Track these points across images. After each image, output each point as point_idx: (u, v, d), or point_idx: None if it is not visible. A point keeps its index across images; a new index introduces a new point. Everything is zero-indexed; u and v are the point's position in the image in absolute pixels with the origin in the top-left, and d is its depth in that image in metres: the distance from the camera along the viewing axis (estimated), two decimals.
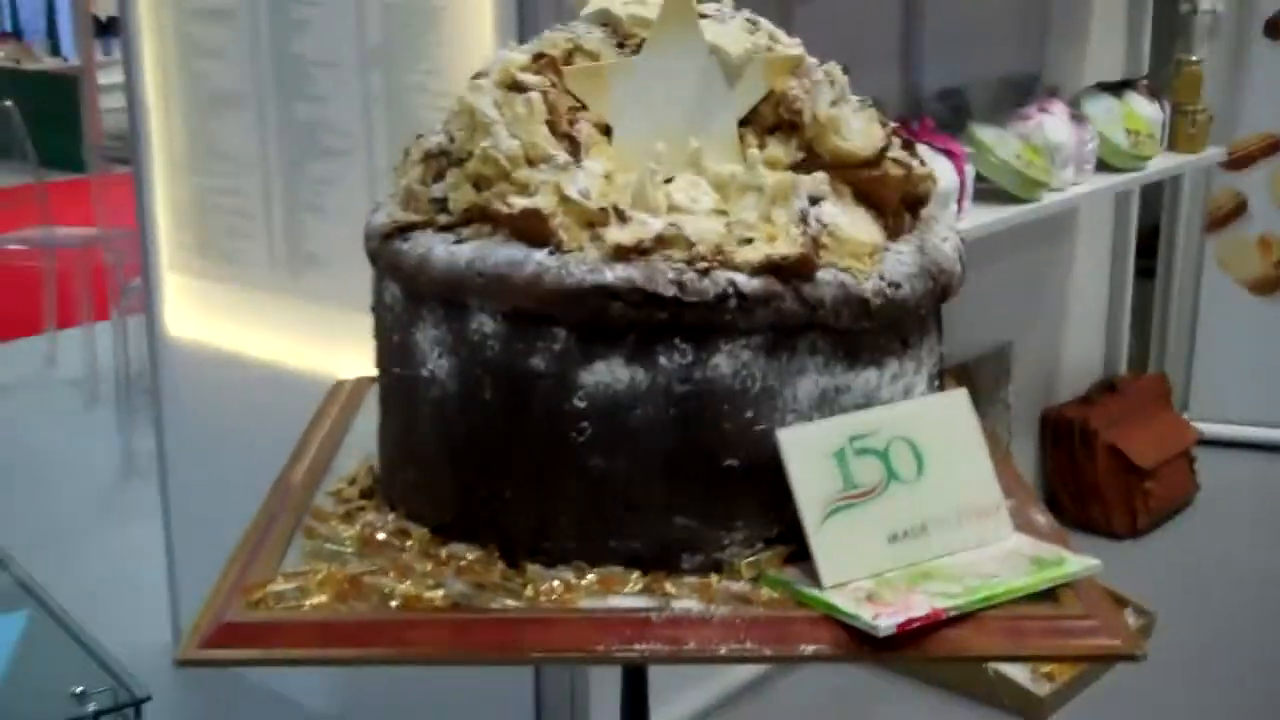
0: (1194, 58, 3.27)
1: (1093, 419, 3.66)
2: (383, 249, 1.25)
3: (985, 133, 2.58)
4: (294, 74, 2.24)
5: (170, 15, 2.47)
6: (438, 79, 1.99)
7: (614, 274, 1.11)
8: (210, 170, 2.51)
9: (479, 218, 1.19)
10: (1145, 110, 2.98)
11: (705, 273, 1.11)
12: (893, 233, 1.23)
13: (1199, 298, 3.96)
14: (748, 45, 1.22)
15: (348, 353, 1.82)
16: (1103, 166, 2.93)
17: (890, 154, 1.22)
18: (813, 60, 1.27)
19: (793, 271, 1.12)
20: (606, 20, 1.28)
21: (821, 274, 1.14)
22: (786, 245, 1.13)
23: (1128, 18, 3.42)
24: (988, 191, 2.60)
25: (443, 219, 1.22)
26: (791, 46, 1.27)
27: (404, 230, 1.24)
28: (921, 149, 2.34)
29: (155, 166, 2.67)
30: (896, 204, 1.24)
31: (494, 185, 1.19)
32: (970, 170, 2.41)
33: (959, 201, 2.37)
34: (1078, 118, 2.81)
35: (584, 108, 1.23)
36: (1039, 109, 2.74)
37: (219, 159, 2.49)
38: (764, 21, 1.30)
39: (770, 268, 1.11)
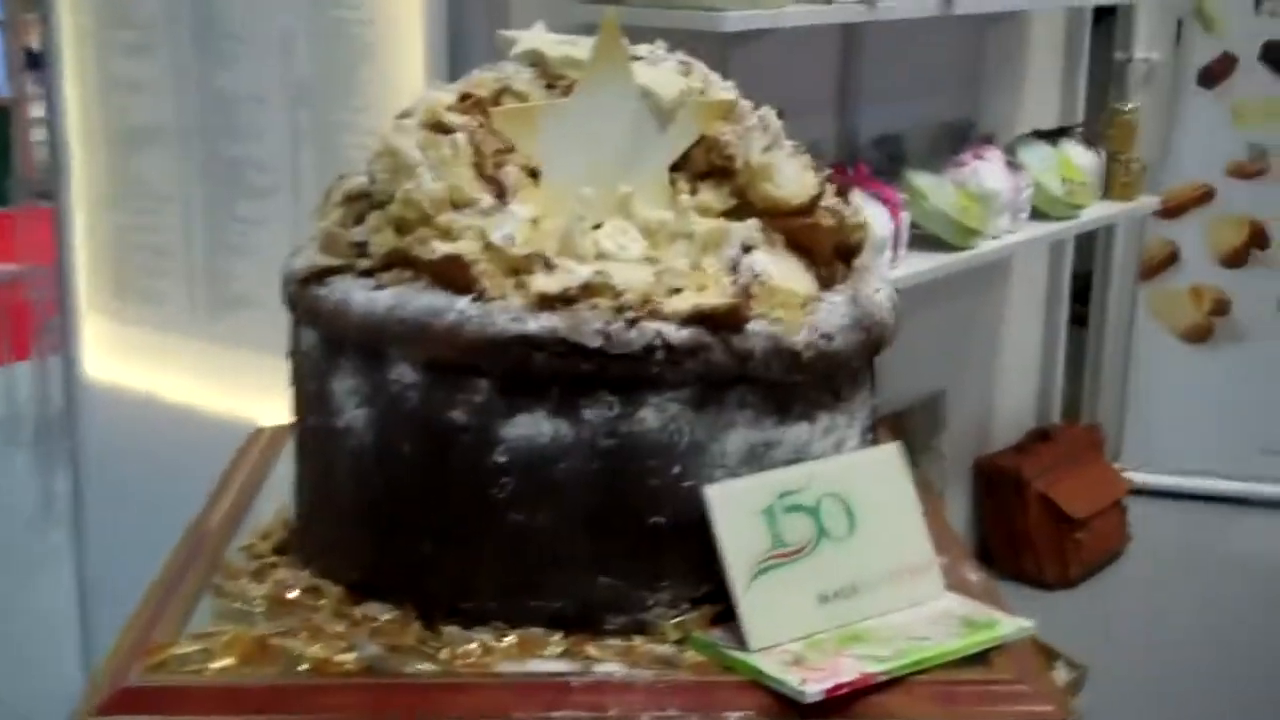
0: (1129, 106, 3.31)
1: (1025, 468, 3.66)
2: (300, 294, 1.21)
3: (921, 179, 2.58)
4: (219, 109, 2.20)
5: (93, 48, 2.42)
6: (368, 116, 1.95)
7: (538, 324, 1.07)
8: (131, 207, 2.46)
9: (400, 263, 1.15)
10: (1080, 158, 3.00)
11: (633, 323, 1.08)
12: (825, 283, 1.21)
13: (1131, 346, 4.00)
14: (680, 88, 1.20)
15: (270, 398, 1.76)
16: (1037, 214, 2.94)
17: (824, 202, 1.20)
18: (746, 105, 1.24)
19: (722, 322, 1.10)
20: (536, 61, 1.25)
21: (752, 325, 1.11)
22: (716, 295, 1.10)
23: (1063, 65, 3.45)
24: (923, 238, 2.60)
25: (363, 264, 1.18)
26: (725, 90, 1.25)
27: (322, 275, 1.20)
28: (856, 195, 2.35)
29: (75, 202, 2.61)
30: (829, 253, 1.21)
31: (416, 230, 1.15)
32: (906, 217, 2.40)
33: (894, 249, 2.36)
34: (1013, 165, 2.82)
35: (512, 150, 1.19)
36: (974, 156, 2.75)
37: (140, 196, 2.43)
38: (697, 64, 1.28)
39: (699, 318, 1.09)
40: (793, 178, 1.19)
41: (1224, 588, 3.48)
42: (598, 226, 1.17)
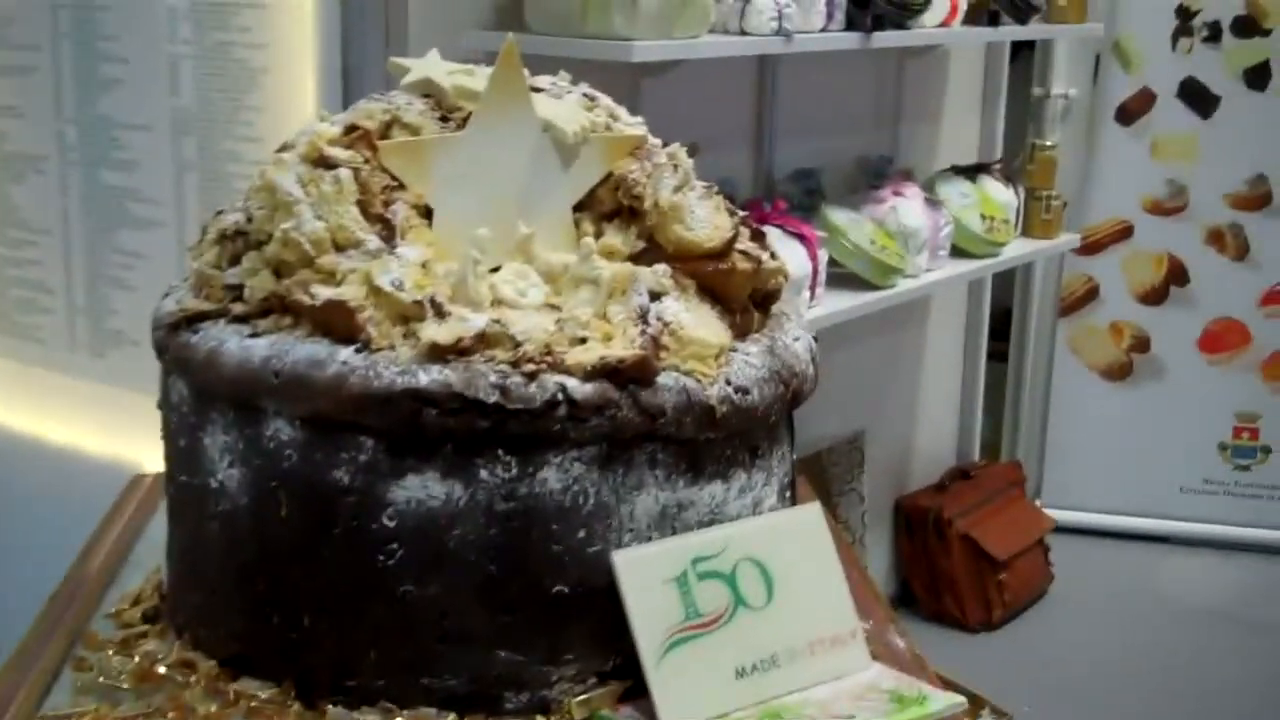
0: (1048, 142, 3.30)
1: (947, 508, 3.63)
2: (169, 341, 1.12)
3: (839, 216, 2.54)
4: (100, 137, 2.09)
5: None
6: (257, 147, 1.86)
7: (428, 377, 1.00)
8: (7, 238, 2.34)
9: (278, 308, 1.07)
10: (1000, 195, 2.98)
11: (532, 376, 1.00)
12: (740, 331, 1.15)
13: (1051, 383, 3.99)
14: (584, 123, 1.13)
15: (153, 442, 1.67)
16: (957, 251, 2.90)
17: (738, 245, 1.13)
18: (655, 141, 1.18)
19: (630, 376, 1.03)
20: (429, 91, 1.17)
21: (662, 378, 1.04)
22: (623, 346, 1.03)
23: (982, 101, 3.44)
24: (841, 276, 2.55)
25: (238, 308, 1.10)
26: (633, 125, 1.18)
27: (193, 320, 1.11)
28: (773, 233, 2.30)
29: None
30: (745, 300, 1.15)
31: (296, 272, 1.07)
32: (823, 255, 2.35)
33: (811, 288, 2.31)
34: (932, 202, 2.79)
35: (401, 187, 1.12)
36: (893, 192, 2.71)
37: (17, 226, 2.31)
38: (603, 98, 1.21)
39: (605, 371, 1.02)
40: (705, 219, 1.13)
41: (1148, 627, 3.47)
42: (495, 270, 1.10)
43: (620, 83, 2.23)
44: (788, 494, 1.22)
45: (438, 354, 1.01)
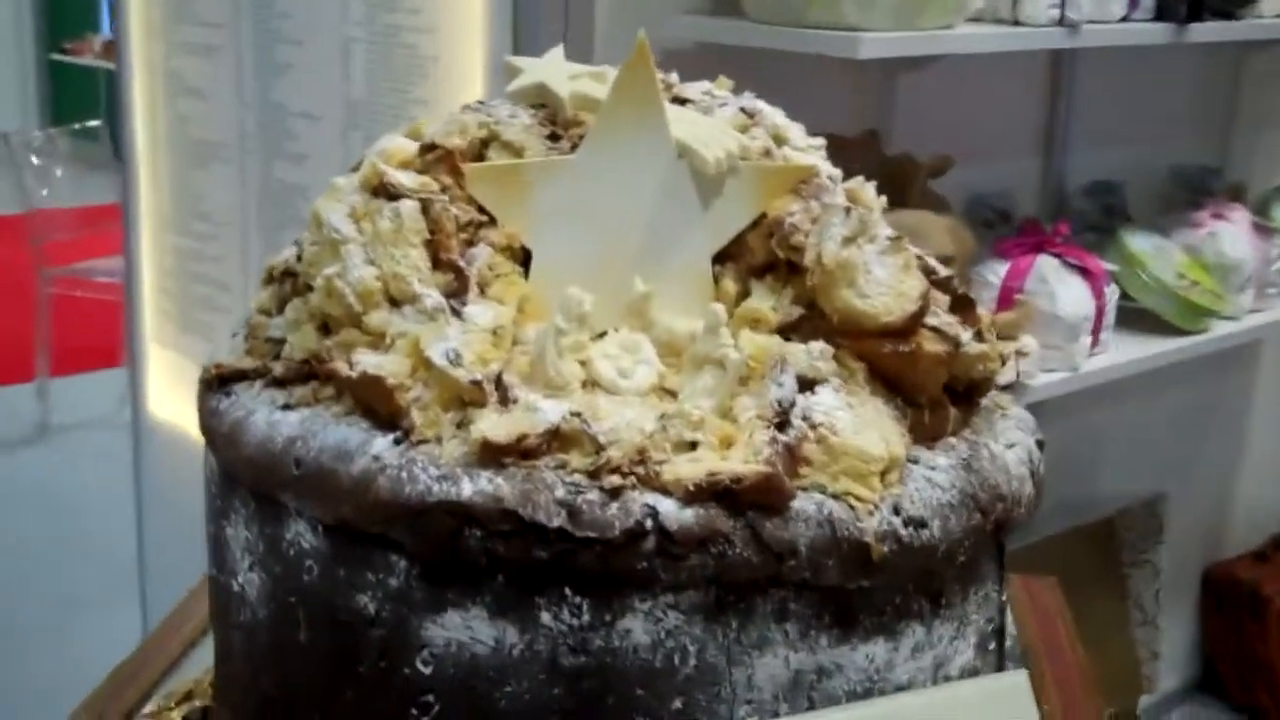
0: None
1: (1267, 583, 3.26)
2: (202, 403, 0.95)
3: (1139, 242, 2.21)
4: (275, 126, 1.98)
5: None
6: None
7: (474, 486, 0.79)
8: (192, 230, 2.26)
9: (322, 374, 0.87)
10: None
11: (615, 493, 0.78)
12: (929, 434, 0.90)
13: None
14: (730, 147, 0.90)
15: None
16: None
17: (930, 320, 0.88)
18: (829, 173, 0.93)
19: (751, 499, 0.79)
20: (543, 99, 0.96)
21: (800, 503, 0.80)
22: (746, 456, 0.80)
23: None
24: (1138, 315, 2.21)
25: (278, 368, 0.91)
26: (803, 150, 0.94)
27: (226, 380, 0.93)
28: (1048, 265, 2.00)
29: (143, 221, 2.44)
30: (936, 392, 0.89)
31: (342, 329, 0.88)
32: (1112, 293, 2.03)
33: (1095, 331, 1.99)
34: (1263, 227, 2.41)
35: (492, 224, 0.91)
36: (1213, 215, 2.36)
37: (200, 218, 2.24)
38: (770, 111, 0.98)
39: (714, 492, 0.78)
40: (885, 283, 0.88)
41: None
42: (601, 336, 0.88)
43: (869, 81, 1.98)
44: (991, 645, 0.96)
45: (492, 455, 0.79)
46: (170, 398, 2.51)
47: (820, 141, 0.98)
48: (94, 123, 6.03)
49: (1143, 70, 2.47)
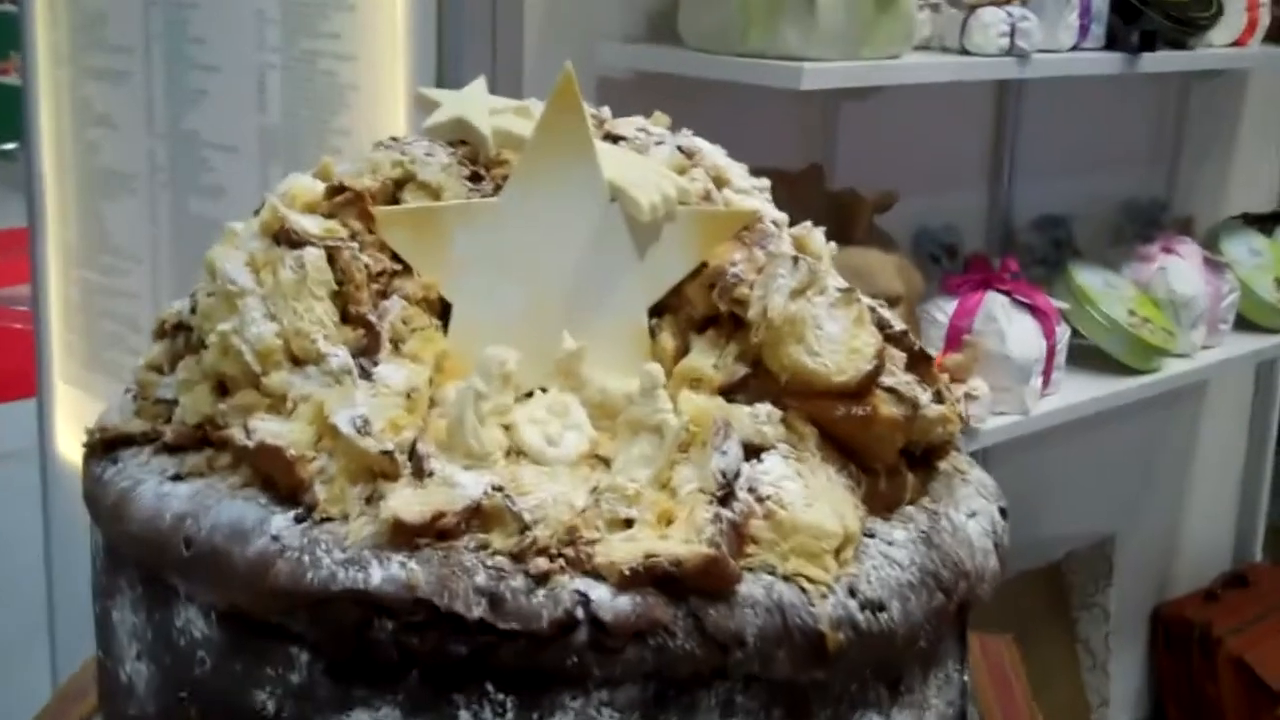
0: None
1: (1217, 623, 3.23)
2: (85, 469, 0.87)
3: (1089, 278, 2.17)
4: (189, 156, 1.89)
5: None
6: None
7: (383, 572, 0.71)
8: (100, 264, 2.17)
9: (217, 442, 0.79)
10: None
11: (542, 579, 0.71)
12: (885, 504, 0.83)
13: None
14: (667, 190, 0.83)
15: None
16: (1242, 323, 2.49)
17: (885, 380, 0.81)
18: (774, 217, 0.87)
19: (693, 584, 0.72)
20: (463, 135, 0.89)
21: (748, 586, 0.73)
22: (687, 534, 0.73)
23: None
24: (1088, 352, 2.17)
25: (169, 433, 0.83)
26: (745, 192, 0.87)
27: (111, 445, 0.85)
28: (998, 304, 1.95)
29: (50, 251, 2.35)
30: (893, 458, 0.83)
31: (239, 392, 0.80)
32: (1063, 332, 1.98)
33: (1045, 373, 1.94)
34: (1213, 263, 2.38)
35: (407, 273, 0.84)
36: (1163, 249, 2.33)
37: (110, 251, 2.14)
38: (710, 150, 0.91)
39: (653, 576, 0.71)
40: (837, 339, 0.81)
41: None
42: (529, 396, 0.81)
43: (812, 112, 1.93)
44: None
45: (404, 536, 0.72)
46: (79, 437, 2.40)
47: (764, 183, 0.92)
48: (10, 145, 5.92)
49: (1090, 101, 2.44)
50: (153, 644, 0.81)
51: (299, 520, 0.75)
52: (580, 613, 0.71)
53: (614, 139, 0.90)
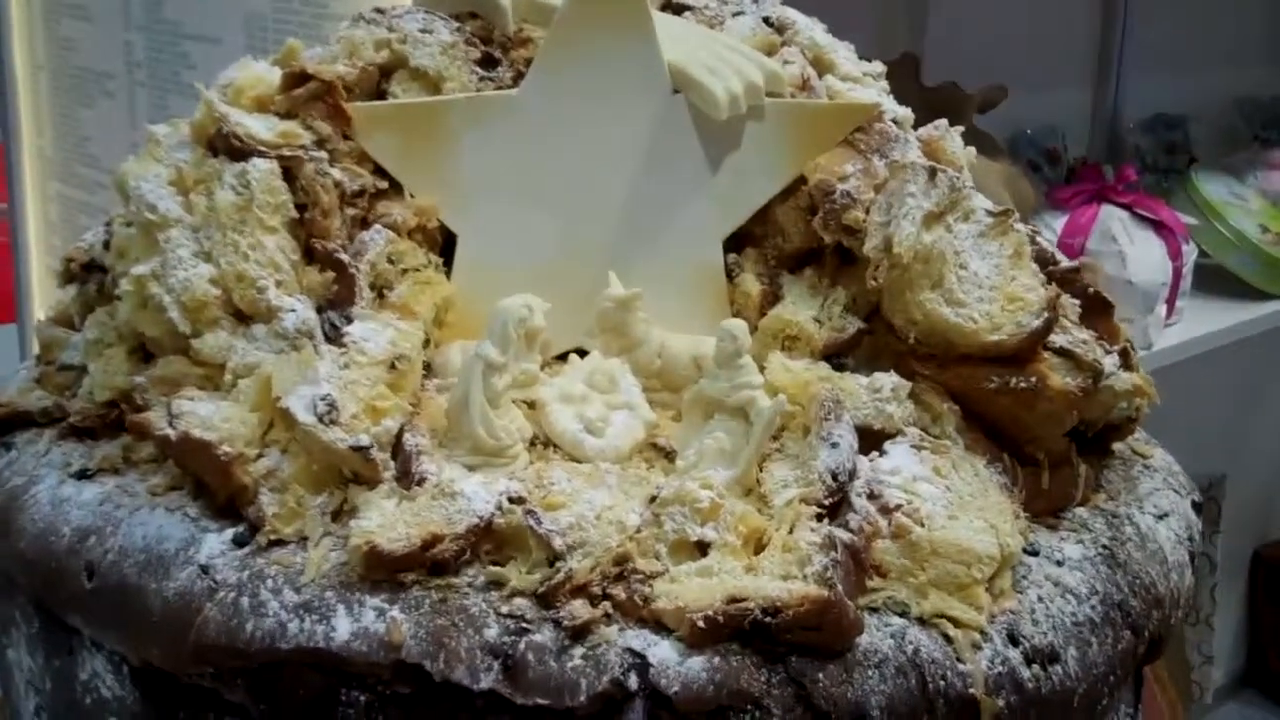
0: None
1: None
2: None
3: (1215, 189, 1.93)
4: (168, 51, 1.69)
5: None
6: None
7: (353, 623, 0.52)
8: (77, 177, 1.98)
9: (134, 427, 0.60)
10: None
11: (579, 633, 0.51)
12: (1049, 504, 0.63)
13: None
14: (753, 77, 0.62)
15: None
16: None
17: (1057, 339, 0.61)
18: (896, 114, 0.66)
19: (797, 639, 0.52)
20: (472, 4, 0.68)
21: (871, 638, 0.54)
22: (784, 566, 0.53)
23: None
24: (1209, 274, 1.94)
25: (75, 410, 0.63)
26: (856, 80, 0.67)
27: (4, 425, 0.66)
28: (1115, 218, 1.73)
29: (26, 163, 2.16)
30: (1061, 445, 0.62)
31: (162, 360, 0.60)
32: (1190, 251, 1.76)
33: (1170, 300, 1.72)
34: None
35: (394, 194, 0.64)
36: None
37: (87, 162, 1.95)
38: (806, 24, 0.71)
39: (737, 628, 0.51)
40: (989, 282, 0.61)
41: None
42: (562, 361, 0.61)
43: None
44: None
45: (383, 570, 0.52)
46: None
47: (879, 67, 0.71)
48: None
49: None
50: (52, 698, 0.62)
51: (238, 543, 0.56)
52: (634, 682, 0.52)
53: (678, 8, 0.69)
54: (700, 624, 0.52)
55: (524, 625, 0.53)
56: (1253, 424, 2.83)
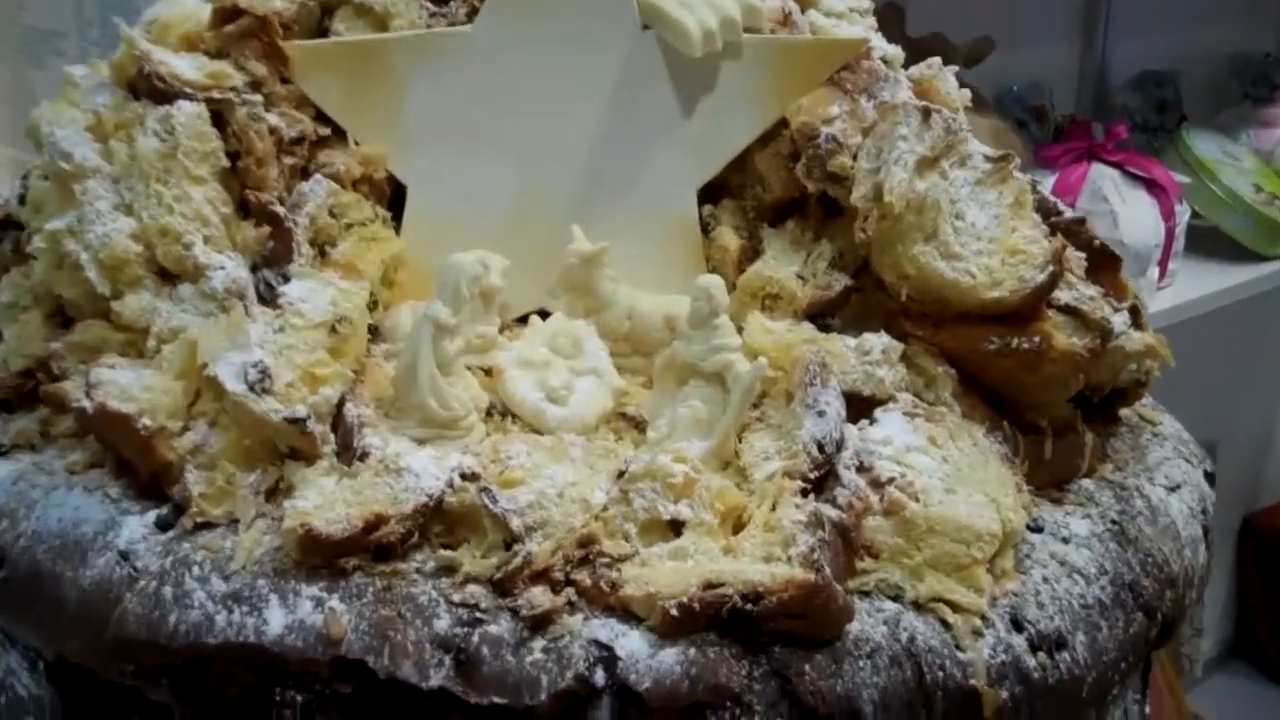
0: None
1: None
2: None
3: (1207, 147, 1.88)
4: (122, 6, 1.63)
5: None
6: None
7: (288, 615, 0.47)
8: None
9: (50, 399, 0.55)
10: None
11: (540, 623, 0.47)
12: (1053, 475, 0.59)
13: None
14: (728, 11, 0.57)
15: None
16: None
17: (1061, 296, 0.56)
18: (885, 52, 0.61)
19: (780, 625, 0.47)
20: None
21: (863, 625, 0.50)
22: (765, 546, 0.48)
23: None
24: (1201, 234, 1.90)
25: None
26: (840, 16, 0.62)
27: None
28: (1107, 177, 1.68)
29: None
30: (1064, 410, 0.58)
31: (81, 325, 0.55)
32: (1183, 211, 1.71)
33: (1162, 261, 1.67)
34: None
35: (336, 141, 0.58)
36: None
37: None
38: None
39: (715, 616, 0.46)
40: (988, 234, 0.56)
41: None
42: (522, 324, 0.56)
43: None
44: None
45: (321, 555, 0.47)
46: None
47: (865, 2, 0.66)
48: None
49: None
50: None
51: (162, 526, 0.51)
52: (600, 677, 0.47)
53: None
54: (674, 612, 0.48)
55: (478, 615, 0.48)
56: (1244, 390, 2.79)
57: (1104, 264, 0.61)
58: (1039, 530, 0.58)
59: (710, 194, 0.62)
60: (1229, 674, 3.09)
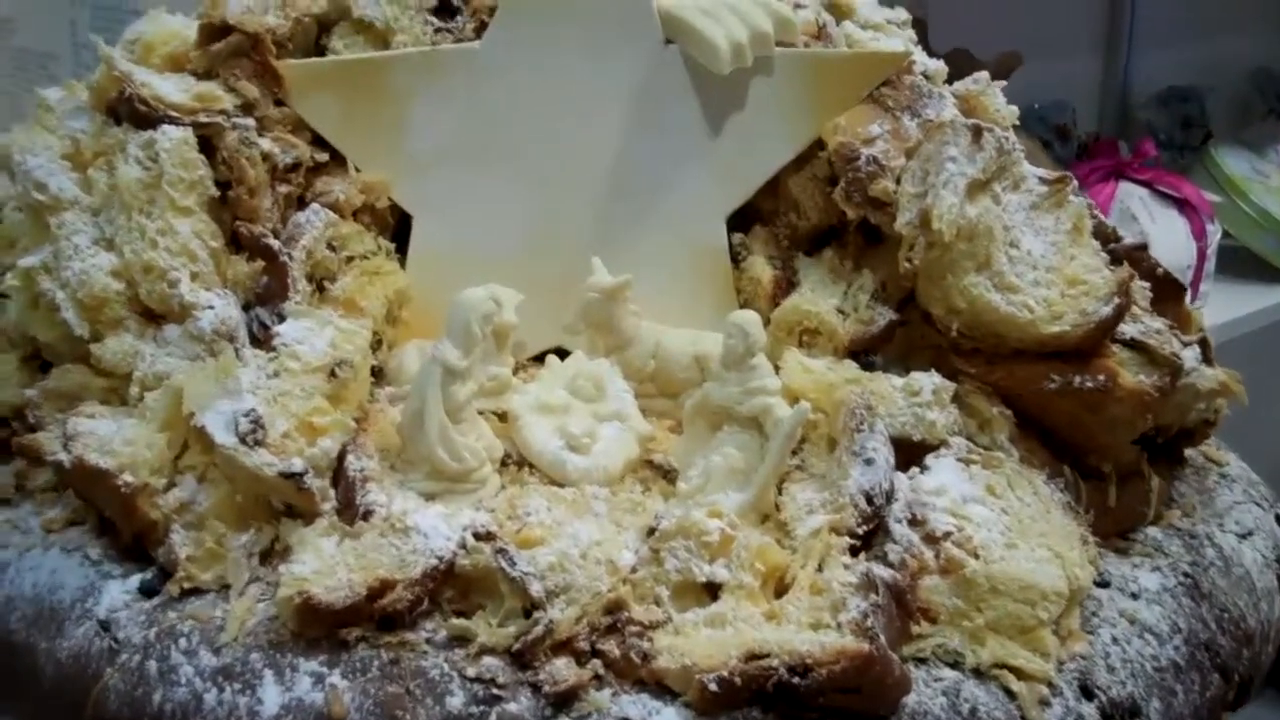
0: None
1: None
2: None
3: (1236, 164, 1.85)
4: (116, 29, 1.60)
5: None
6: None
7: (284, 693, 0.44)
8: None
9: (25, 451, 0.51)
10: None
11: (564, 700, 0.43)
12: (1117, 524, 0.55)
13: None
14: (759, 25, 0.53)
15: None
16: None
17: (1126, 331, 0.52)
18: (927, 67, 0.57)
19: (831, 702, 0.43)
20: None
21: (920, 696, 0.47)
22: (813, 613, 0.44)
23: None
24: (1229, 254, 1.86)
25: None
26: (879, 28, 0.58)
27: None
28: (1135, 196, 1.64)
29: None
30: (1130, 454, 0.54)
31: (58, 370, 0.51)
32: (1214, 230, 1.67)
33: (1194, 283, 1.63)
34: None
35: (334, 168, 0.55)
36: None
37: None
38: None
39: (758, 690, 0.42)
40: (1046, 263, 0.52)
41: None
42: (539, 362, 0.53)
43: None
44: None
45: (321, 625, 0.43)
46: None
47: (903, 14, 0.62)
48: None
49: None
50: None
51: (146, 593, 0.47)
52: None
53: None
54: (713, 687, 0.44)
55: (495, 692, 0.44)
56: (1274, 415, 2.75)
57: (1168, 294, 0.57)
58: (1106, 585, 0.54)
59: (740, 221, 0.59)
60: (1259, 704, 3.04)
